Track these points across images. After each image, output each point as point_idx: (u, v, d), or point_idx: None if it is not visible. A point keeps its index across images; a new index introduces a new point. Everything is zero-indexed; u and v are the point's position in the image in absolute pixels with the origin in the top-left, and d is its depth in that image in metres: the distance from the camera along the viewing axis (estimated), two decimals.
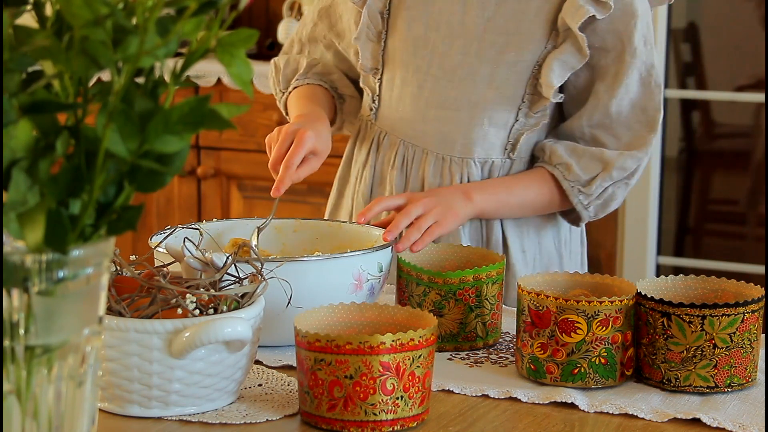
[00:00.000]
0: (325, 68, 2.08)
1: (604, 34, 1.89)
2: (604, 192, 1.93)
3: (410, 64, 1.97)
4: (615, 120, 1.91)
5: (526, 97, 1.93)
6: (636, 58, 1.90)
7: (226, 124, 0.95)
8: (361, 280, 1.61)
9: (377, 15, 1.98)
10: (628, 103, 1.91)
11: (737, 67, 4.13)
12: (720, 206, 4.34)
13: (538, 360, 1.49)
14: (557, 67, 1.88)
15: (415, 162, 1.98)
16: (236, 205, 3.78)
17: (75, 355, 1.01)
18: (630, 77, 1.90)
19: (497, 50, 1.91)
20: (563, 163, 1.91)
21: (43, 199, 0.94)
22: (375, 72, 2.00)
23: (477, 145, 1.95)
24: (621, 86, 1.90)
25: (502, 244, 1.98)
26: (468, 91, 1.94)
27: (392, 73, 1.99)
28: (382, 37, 1.99)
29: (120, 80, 0.95)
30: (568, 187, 1.92)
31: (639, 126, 1.92)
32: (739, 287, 1.55)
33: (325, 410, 1.34)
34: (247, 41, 0.97)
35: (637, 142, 1.92)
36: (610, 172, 1.91)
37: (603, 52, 1.90)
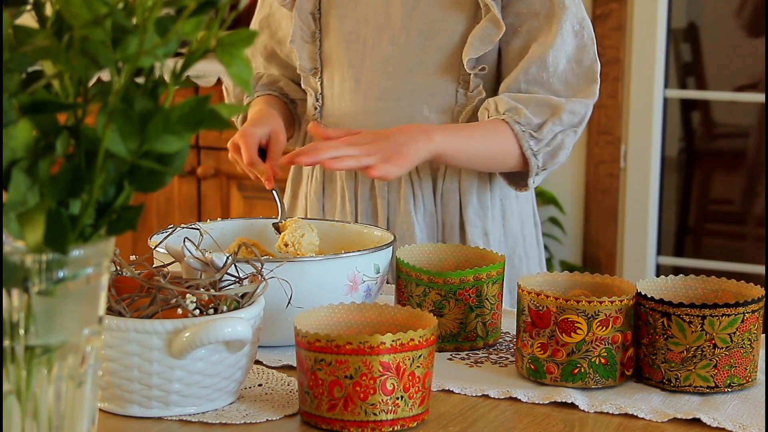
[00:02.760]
0: (271, 78, 2.12)
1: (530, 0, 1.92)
2: (554, 139, 1.92)
3: (345, 60, 2.01)
4: (552, 74, 1.92)
5: (461, 79, 1.96)
6: (566, 10, 1.92)
7: (226, 124, 0.95)
8: (357, 282, 1.60)
9: (308, 16, 2.02)
10: (564, 57, 1.92)
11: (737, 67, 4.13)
12: (720, 206, 4.34)
13: (538, 360, 1.49)
14: (476, 41, 1.91)
15: None
16: (236, 205, 3.78)
17: (75, 355, 1.01)
18: (563, 28, 1.92)
19: (425, 37, 1.95)
20: (512, 108, 1.90)
21: (43, 199, 0.94)
22: (314, 72, 2.04)
23: None
24: (556, 37, 1.91)
25: (459, 228, 2.00)
26: (403, 81, 1.98)
27: (331, 72, 2.03)
28: (316, 37, 2.03)
29: (120, 80, 0.95)
30: (519, 131, 1.90)
31: (576, 79, 1.93)
32: (739, 287, 1.55)
33: (325, 410, 1.34)
34: (247, 41, 0.97)
35: (581, 92, 1.93)
36: (560, 116, 1.90)
37: (533, 15, 1.93)
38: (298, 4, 2.01)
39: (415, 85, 1.97)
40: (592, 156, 3.84)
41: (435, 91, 1.97)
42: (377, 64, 1.99)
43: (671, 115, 4.02)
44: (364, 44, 1.99)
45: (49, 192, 0.95)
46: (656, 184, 3.89)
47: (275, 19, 2.11)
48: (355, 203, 2.04)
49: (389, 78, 1.98)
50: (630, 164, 3.85)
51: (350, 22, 2.00)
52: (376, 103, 2.00)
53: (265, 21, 2.12)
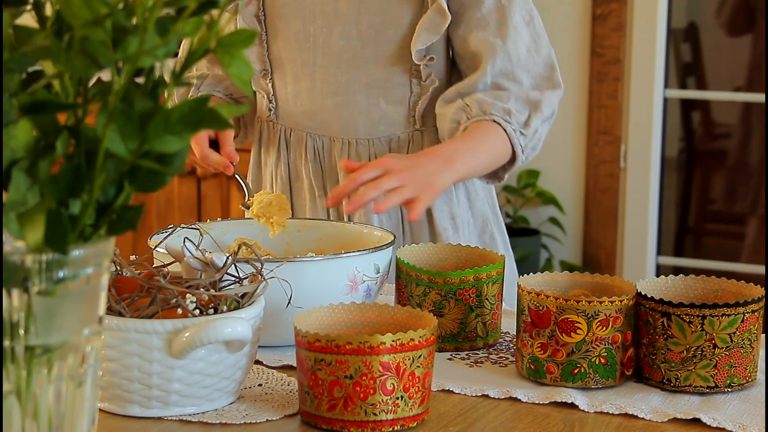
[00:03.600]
0: (216, 78, 2.12)
1: None
2: (536, 133, 1.94)
3: (297, 59, 2.02)
4: (516, 64, 1.94)
5: (414, 69, 1.97)
6: (513, 3, 1.94)
7: (226, 124, 0.95)
8: (357, 282, 1.60)
9: (252, 19, 2.03)
10: (523, 47, 1.95)
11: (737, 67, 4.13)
12: (720, 206, 4.34)
13: (538, 360, 1.49)
14: (423, 32, 1.93)
15: (324, 151, 2.04)
16: (236, 205, 3.78)
17: (75, 355, 1.01)
18: (514, 19, 1.94)
19: (375, 30, 1.97)
20: (501, 109, 1.91)
21: (43, 199, 0.94)
22: (264, 74, 2.06)
23: (379, 125, 2.00)
24: (510, 28, 1.94)
25: (426, 214, 2.01)
26: (358, 74, 1.99)
27: (282, 72, 2.04)
28: (263, 39, 2.04)
29: (120, 80, 0.95)
30: (511, 130, 1.91)
31: (538, 68, 1.96)
32: (739, 287, 1.55)
33: (325, 410, 1.34)
34: (247, 41, 0.97)
35: (544, 83, 1.96)
36: (541, 110, 1.93)
37: (476, 4, 1.94)
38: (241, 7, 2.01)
39: (370, 78, 1.99)
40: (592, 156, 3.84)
41: (390, 83, 1.99)
42: (330, 60, 2.00)
43: (671, 115, 4.02)
44: (314, 42, 2.00)
45: (49, 192, 0.95)
46: (656, 184, 3.89)
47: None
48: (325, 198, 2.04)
49: (343, 73, 2.00)
50: (630, 164, 3.85)
51: (297, 21, 2.01)
52: (333, 99, 2.01)
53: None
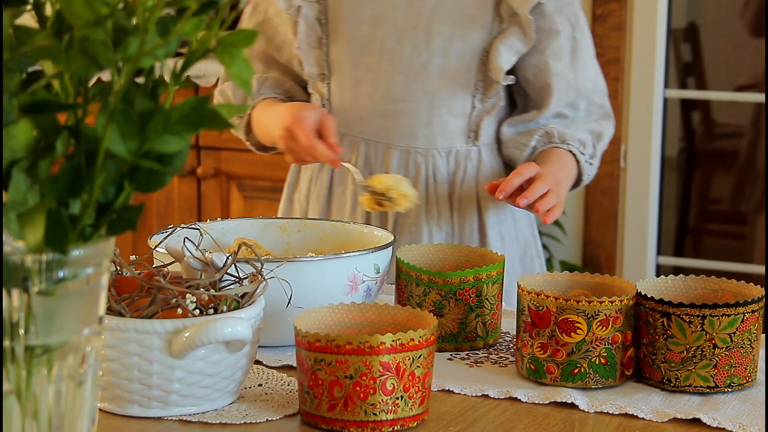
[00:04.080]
0: (276, 81, 2.10)
1: (552, 16, 1.97)
2: (598, 160, 2.03)
3: (360, 63, 2.00)
4: (581, 96, 2.02)
5: (479, 84, 1.98)
6: (584, 36, 2.01)
7: (226, 124, 0.95)
8: (357, 282, 1.60)
9: (314, 22, 2.02)
10: (589, 80, 2.02)
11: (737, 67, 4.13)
12: (720, 206, 4.34)
13: (538, 360, 1.49)
14: (504, 51, 1.94)
15: (378, 158, 2.02)
16: (236, 205, 3.78)
17: (75, 355, 1.01)
18: (585, 53, 2.01)
19: (444, 40, 1.96)
20: (577, 140, 1.98)
21: (43, 199, 0.94)
22: (322, 77, 2.04)
23: (439, 135, 2.00)
24: (581, 64, 2.00)
25: (479, 232, 2.02)
26: (423, 83, 1.99)
27: (341, 76, 2.02)
28: (323, 43, 2.02)
29: (120, 80, 0.95)
30: (584, 162, 1.99)
31: (597, 98, 2.03)
32: (739, 287, 1.55)
33: (325, 410, 1.34)
34: (247, 41, 0.97)
35: (597, 110, 2.03)
36: (603, 139, 2.02)
37: (554, 34, 1.97)
38: (305, 10, 2.00)
39: (435, 88, 1.98)
40: None
41: (454, 95, 1.99)
42: (395, 66, 1.99)
43: (671, 115, 4.02)
44: (381, 47, 1.99)
45: (49, 192, 0.95)
46: (656, 184, 3.89)
47: (271, 26, 2.09)
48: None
49: (409, 81, 1.99)
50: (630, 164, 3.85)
51: (363, 25, 1.99)
52: (395, 106, 2.00)
53: (260, 27, 2.10)
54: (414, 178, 1.99)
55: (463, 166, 2.01)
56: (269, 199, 3.73)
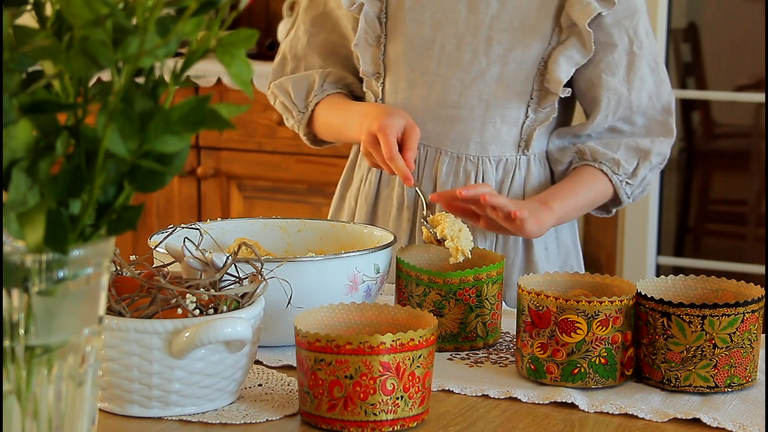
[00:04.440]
0: (338, 76, 2.07)
1: (609, 29, 1.94)
2: (644, 180, 2.00)
3: (417, 65, 1.97)
4: (635, 111, 1.98)
5: (535, 93, 1.96)
6: (643, 50, 1.97)
7: (226, 124, 0.95)
8: (357, 282, 1.60)
9: (374, 20, 1.98)
10: (645, 95, 1.98)
11: (737, 67, 4.13)
12: (720, 206, 4.34)
13: (538, 360, 1.49)
14: (563, 62, 1.92)
15: (428, 162, 1.99)
16: (236, 205, 3.78)
17: (75, 355, 1.01)
18: (642, 69, 1.97)
19: (504, 48, 1.94)
20: (610, 159, 1.96)
21: (43, 199, 0.94)
22: (377, 77, 2.01)
23: (491, 144, 1.97)
24: (636, 79, 1.97)
25: (523, 242, 2.00)
26: (480, 90, 1.96)
27: (396, 76, 1.99)
28: (381, 41, 1.99)
29: (120, 80, 0.95)
30: (617, 181, 1.97)
31: (655, 112, 2.00)
32: (739, 287, 1.55)
33: (325, 410, 1.34)
34: (247, 41, 0.97)
35: (658, 127, 2.01)
36: (650, 159, 1.98)
37: (610, 47, 1.95)
38: (366, 7, 1.97)
39: (491, 96, 1.96)
40: None
41: (508, 103, 1.96)
42: (453, 71, 1.96)
43: None
44: (440, 51, 1.96)
45: (49, 192, 0.95)
46: (656, 184, 3.89)
47: (332, 18, 2.05)
48: (413, 211, 2.01)
49: (466, 86, 1.96)
50: None
51: (423, 27, 1.97)
52: (449, 111, 1.97)
53: (319, 19, 2.07)
54: (462, 185, 1.96)
55: (511, 175, 1.98)
56: (269, 199, 3.73)
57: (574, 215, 1.99)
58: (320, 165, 3.61)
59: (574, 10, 1.91)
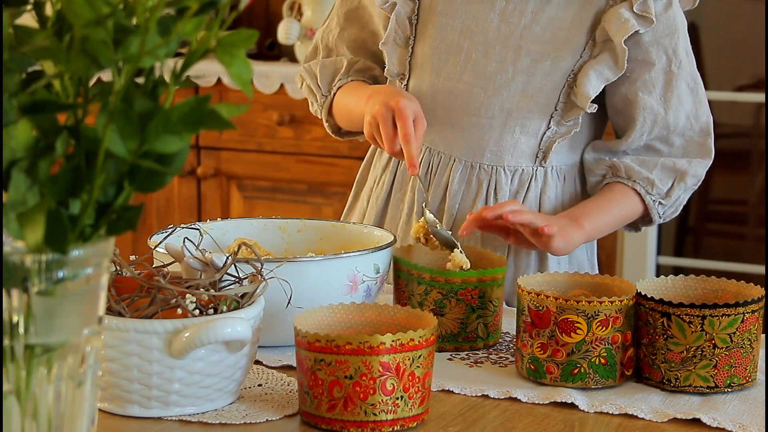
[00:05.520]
0: (365, 65, 2.05)
1: (647, 47, 1.90)
2: (678, 200, 1.96)
3: (441, 70, 1.95)
4: (672, 131, 1.94)
5: (559, 105, 1.92)
6: (682, 70, 1.93)
7: (226, 124, 0.95)
8: (357, 282, 1.60)
9: (405, 20, 1.96)
10: (683, 115, 1.94)
11: (737, 67, 4.13)
12: (720, 206, 4.34)
13: (538, 360, 1.49)
14: (594, 77, 1.88)
15: (440, 169, 1.96)
16: (236, 205, 3.78)
17: (75, 355, 1.01)
18: (680, 89, 1.93)
19: (533, 59, 1.90)
20: (644, 178, 1.93)
21: (43, 199, 0.94)
22: (401, 78, 1.98)
23: (507, 153, 1.94)
24: (673, 98, 1.93)
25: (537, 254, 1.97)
26: (502, 99, 1.92)
27: (419, 79, 1.97)
28: (410, 43, 1.97)
29: (120, 80, 0.95)
30: (650, 202, 1.94)
31: (694, 134, 1.96)
32: (739, 287, 1.55)
33: (325, 410, 1.34)
34: (247, 41, 0.97)
35: (696, 149, 1.96)
36: (685, 180, 1.95)
37: (647, 65, 1.91)
38: (399, 7, 1.95)
39: (513, 105, 1.92)
40: None
41: (530, 114, 1.92)
42: (477, 79, 1.93)
43: None
44: (466, 58, 1.93)
45: (49, 192, 0.95)
46: None
47: (366, 13, 2.04)
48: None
49: (489, 95, 1.93)
50: None
51: (452, 32, 1.94)
52: (469, 119, 1.94)
53: (353, 13, 2.05)
54: (475, 194, 1.93)
55: (527, 186, 1.95)
56: (269, 199, 3.73)
57: (604, 233, 1.95)
58: (320, 165, 3.61)
59: (611, 26, 1.86)
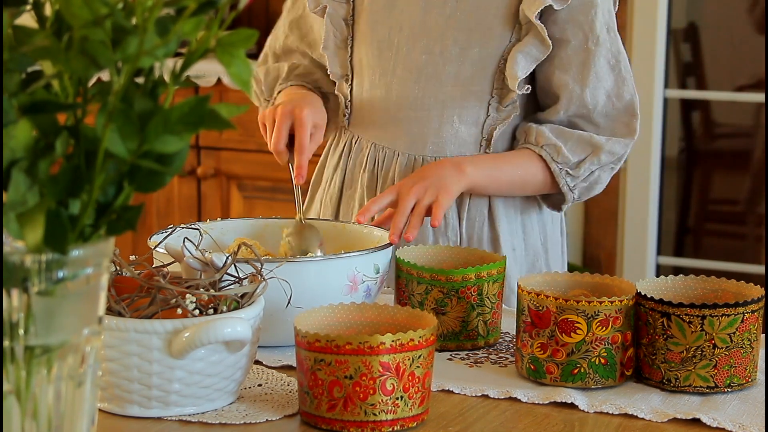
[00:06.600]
0: (307, 69, 2.08)
1: (563, 25, 1.90)
2: (591, 175, 1.94)
3: (377, 67, 1.98)
4: (592, 110, 1.93)
5: (495, 92, 1.94)
6: (600, 47, 1.91)
7: (226, 124, 0.95)
8: (356, 282, 1.60)
9: (341, 22, 1.99)
10: (603, 93, 1.93)
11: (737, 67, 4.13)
12: (720, 206, 4.34)
13: (538, 360, 1.49)
14: (521, 59, 1.89)
15: (385, 163, 1.99)
16: (236, 205, 3.78)
17: (75, 355, 1.01)
18: (598, 65, 1.91)
19: (460, 47, 1.92)
20: (551, 145, 1.91)
21: (42, 199, 0.94)
22: (345, 78, 2.01)
23: (449, 143, 1.96)
24: (590, 75, 1.91)
25: (491, 242, 1.99)
26: (435, 90, 1.95)
27: (361, 78, 2.00)
28: (348, 44, 2.00)
29: (120, 80, 0.95)
30: (556, 169, 1.92)
31: (617, 113, 1.94)
32: (739, 287, 1.55)
33: (325, 410, 1.34)
34: (247, 41, 0.97)
35: (621, 128, 1.94)
36: (599, 155, 1.92)
37: (564, 42, 1.91)
38: (330, 10, 1.97)
39: (447, 96, 1.94)
40: None
41: (466, 102, 1.94)
42: (409, 73, 1.96)
43: (671, 115, 4.02)
44: (396, 52, 1.96)
45: (49, 192, 0.95)
46: (656, 184, 3.89)
47: (306, 23, 2.07)
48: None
49: (421, 88, 1.95)
50: (630, 164, 3.85)
51: (383, 29, 1.96)
52: (406, 112, 1.97)
53: (295, 23, 2.08)
54: None
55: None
56: (269, 199, 3.73)
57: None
58: None
59: (526, 4, 1.88)
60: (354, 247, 1.76)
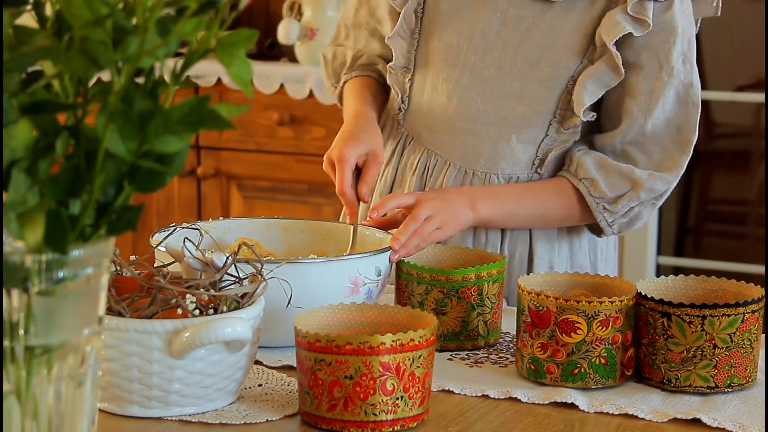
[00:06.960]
0: (370, 59, 2.04)
1: (639, 50, 1.84)
2: (630, 211, 1.88)
3: (441, 71, 1.93)
4: (649, 138, 1.86)
5: (558, 113, 1.88)
6: (673, 77, 1.85)
7: (226, 124, 0.95)
8: (358, 284, 1.60)
9: (411, 13, 1.93)
10: (663, 122, 1.86)
11: (737, 67, 4.13)
12: (720, 206, 4.34)
13: (538, 360, 1.49)
14: (590, 84, 1.83)
15: (435, 171, 1.95)
16: (236, 205, 3.78)
17: (75, 355, 1.01)
18: (666, 96, 1.85)
19: (531, 65, 1.87)
20: (589, 179, 1.86)
21: (42, 199, 0.94)
22: (406, 71, 1.96)
23: (502, 161, 1.91)
24: (657, 106, 1.85)
25: (528, 260, 1.94)
26: (498, 106, 1.89)
27: (423, 77, 1.95)
28: (415, 36, 1.94)
29: (120, 80, 0.95)
30: (593, 203, 1.87)
31: (672, 146, 1.87)
32: (739, 287, 1.55)
33: (325, 410, 1.34)
34: (247, 41, 0.97)
35: (669, 162, 1.87)
36: (638, 192, 1.86)
37: (637, 68, 1.84)
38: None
39: (509, 113, 1.88)
40: None
41: (527, 121, 1.88)
42: (474, 84, 1.90)
43: None
44: (464, 61, 1.90)
45: (49, 192, 0.95)
46: None
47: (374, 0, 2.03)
48: None
49: (484, 101, 1.89)
50: None
51: (452, 33, 1.91)
52: (465, 124, 1.91)
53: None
54: None
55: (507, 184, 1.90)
56: (269, 199, 3.73)
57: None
58: (320, 165, 3.60)
59: (605, 28, 1.81)
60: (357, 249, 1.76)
